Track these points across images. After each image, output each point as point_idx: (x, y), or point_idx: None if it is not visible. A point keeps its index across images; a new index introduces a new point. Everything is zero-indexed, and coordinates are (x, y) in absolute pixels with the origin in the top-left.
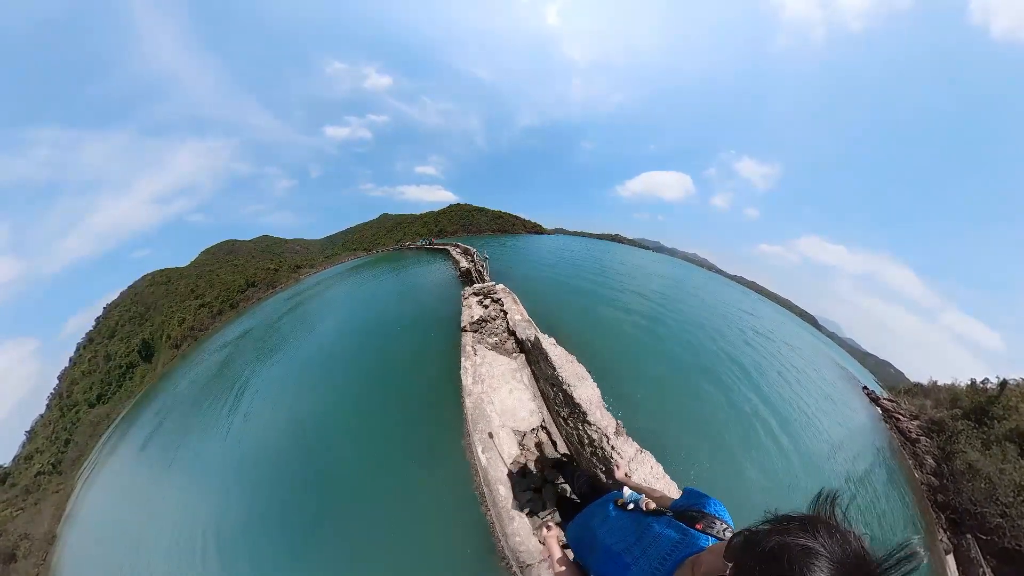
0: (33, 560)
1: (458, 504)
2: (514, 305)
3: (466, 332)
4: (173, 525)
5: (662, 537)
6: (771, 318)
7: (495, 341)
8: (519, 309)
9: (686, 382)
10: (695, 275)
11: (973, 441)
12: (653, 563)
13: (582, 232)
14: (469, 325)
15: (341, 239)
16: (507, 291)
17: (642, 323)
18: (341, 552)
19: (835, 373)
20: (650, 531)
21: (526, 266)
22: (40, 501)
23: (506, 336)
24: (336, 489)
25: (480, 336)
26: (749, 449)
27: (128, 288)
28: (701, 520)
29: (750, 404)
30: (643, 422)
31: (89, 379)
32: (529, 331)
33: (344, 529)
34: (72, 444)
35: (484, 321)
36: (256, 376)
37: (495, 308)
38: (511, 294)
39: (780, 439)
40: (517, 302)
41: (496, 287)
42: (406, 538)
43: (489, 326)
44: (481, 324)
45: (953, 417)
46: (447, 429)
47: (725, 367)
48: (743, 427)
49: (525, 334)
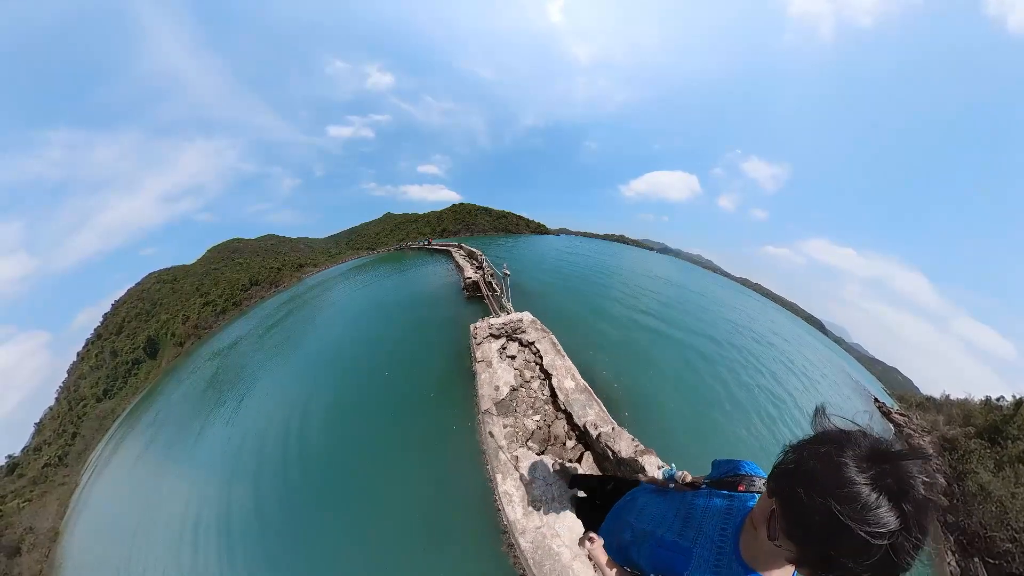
0: (36, 555)
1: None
2: (557, 357)
3: (491, 416)
4: (175, 519)
5: (710, 509)
6: (791, 331)
7: (536, 425)
8: (566, 365)
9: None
10: (716, 285)
11: (986, 461)
12: (714, 538)
13: (586, 232)
14: (495, 404)
15: (345, 238)
16: (540, 327)
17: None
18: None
19: (844, 381)
20: (695, 508)
21: (535, 270)
22: (46, 493)
23: (553, 414)
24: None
25: (514, 420)
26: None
27: (135, 285)
28: (741, 482)
29: (760, 420)
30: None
31: (96, 374)
32: (589, 412)
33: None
34: (79, 437)
35: (516, 389)
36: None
37: (529, 359)
38: (548, 335)
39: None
40: (559, 348)
41: (523, 320)
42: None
43: (522, 395)
44: (512, 395)
45: (966, 435)
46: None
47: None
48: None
49: (587, 418)
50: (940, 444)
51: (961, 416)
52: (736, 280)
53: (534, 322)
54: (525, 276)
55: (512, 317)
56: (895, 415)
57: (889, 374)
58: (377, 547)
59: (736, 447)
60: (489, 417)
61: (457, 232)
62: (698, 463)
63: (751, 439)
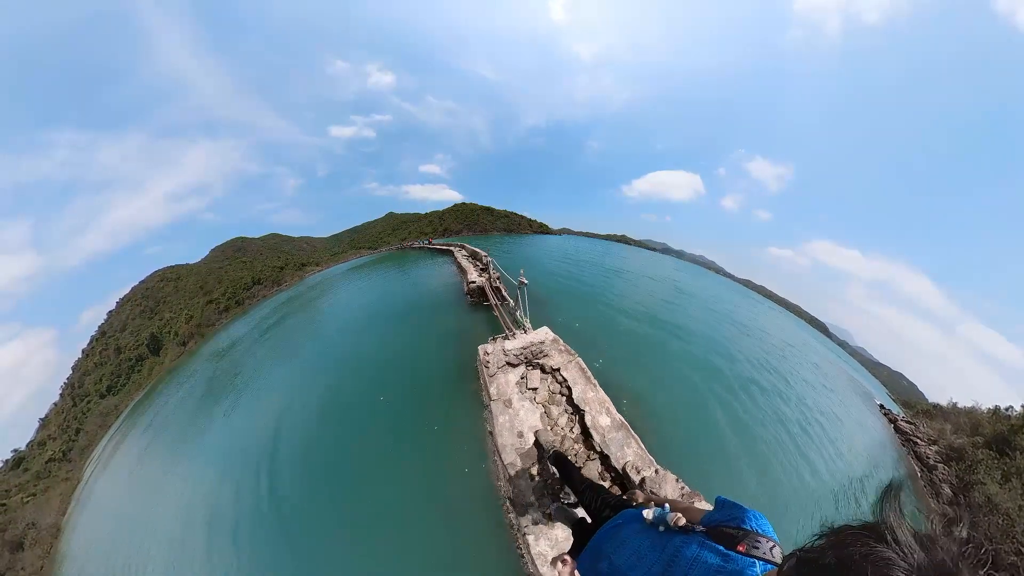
0: (39, 551)
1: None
2: (589, 388)
3: (515, 470)
4: (174, 516)
5: (699, 563)
6: (796, 334)
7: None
8: (599, 397)
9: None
10: (721, 287)
11: (993, 472)
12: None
13: (588, 232)
14: (519, 455)
15: (348, 237)
16: (564, 348)
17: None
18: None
19: (852, 389)
20: (681, 556)
21: (541, 271)
22: (49, 488)
23: (585, 454)
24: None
25: (542, 467)
26: (768, 473)
27: (140, 283)
28: (742, 539)
29: (769, 422)
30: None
31: (100, 371)
32: (628, 452)
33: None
34: (82, 433)
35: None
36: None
37: (554, 390)
38: (574, 358)
39: (799, 460)
40: (589, 377)
41: (544, 341)
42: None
43: (550, 437)
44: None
45: (974, 445)
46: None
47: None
48: (765, 448)
49: (626, 459)
50: (947, 454)
51: (969, 425)
52: (739, 281)
53: (556, 341)
54: (532, 279)
55: (531, 338)
56: (901, 423)
57: (894, 379)
58: None
59: (752, 486)
60: (513, 470)
61: (459, 232)
62: (704, 480)
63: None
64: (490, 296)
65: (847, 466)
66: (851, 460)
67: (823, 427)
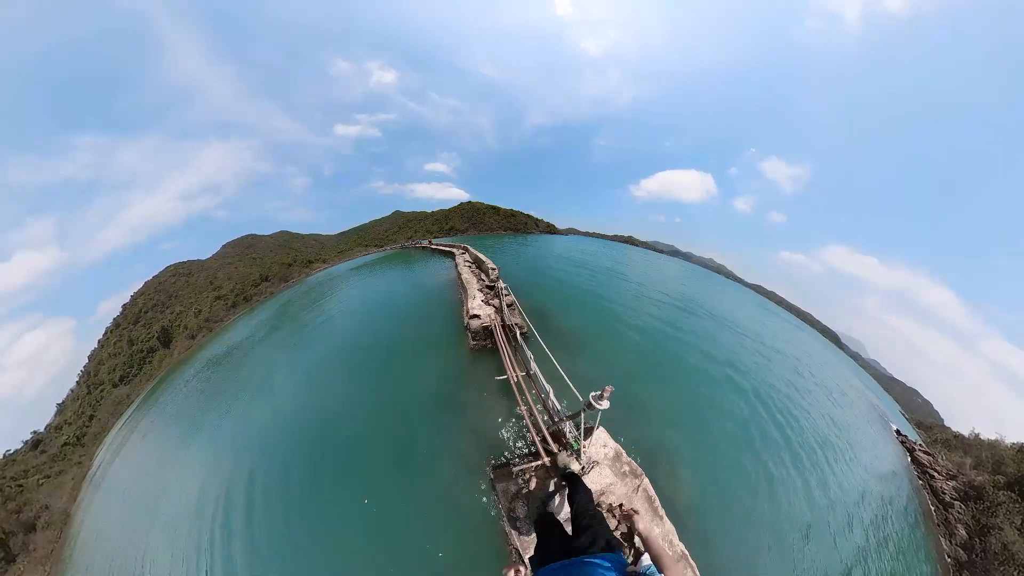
0: (50, 534)
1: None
2: (655, 520)
3: None
4: (183, 503)
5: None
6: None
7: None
8: (664, 530)
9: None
10: (733, 294)
11: (1013, 517)
12: None
13: (595, 233)
14: None
15: (355, 235)
16: (627, 467)
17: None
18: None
19: (867, 410)
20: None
21: (548, 279)
22: (63, 472)
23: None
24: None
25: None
26: (777, 506)
27: (153, 278)
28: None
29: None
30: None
31: (114, 361)
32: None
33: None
34: (96, 420)
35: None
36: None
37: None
38: (642, 480)
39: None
40: (656, 504)
41: (599, 462)
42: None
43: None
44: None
45: (995, 485)
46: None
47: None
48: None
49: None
50: (965, 491)
51: (991, 461)
52: (750, 287)
53: (618, 457)
54: (540, 281)
55: (599, 485)
56: (919, 452)
57: (908, 395)
58: None
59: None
60: None
61: (465, 230)
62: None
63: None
64: (500, 342)
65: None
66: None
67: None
